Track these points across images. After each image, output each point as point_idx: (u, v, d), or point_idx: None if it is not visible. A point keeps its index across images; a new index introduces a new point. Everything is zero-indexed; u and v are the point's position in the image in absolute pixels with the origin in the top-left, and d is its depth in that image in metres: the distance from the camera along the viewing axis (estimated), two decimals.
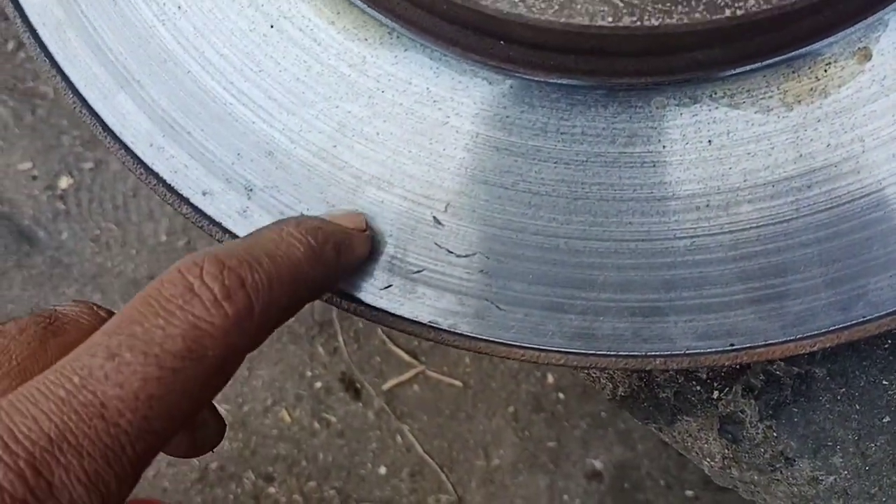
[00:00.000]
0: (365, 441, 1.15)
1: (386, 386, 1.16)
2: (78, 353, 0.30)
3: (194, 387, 0.31)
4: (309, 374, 1.18)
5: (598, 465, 1.11)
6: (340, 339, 1.17)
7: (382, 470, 1.15)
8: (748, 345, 0.40)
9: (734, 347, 0.40)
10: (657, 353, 0.40)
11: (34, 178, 1.18)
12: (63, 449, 0.27)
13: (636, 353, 0.41)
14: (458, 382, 1.14)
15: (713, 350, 0.40)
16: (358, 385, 1.16)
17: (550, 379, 1.13)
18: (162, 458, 1.13)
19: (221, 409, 1.17)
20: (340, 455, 1.16)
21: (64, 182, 1.17)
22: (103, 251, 1.17)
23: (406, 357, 1.15)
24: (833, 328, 0.40)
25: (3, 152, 1.19)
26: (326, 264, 0.37)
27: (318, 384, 1.18)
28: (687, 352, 0.40)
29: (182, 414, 0.30)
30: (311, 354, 1.18)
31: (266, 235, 0.36)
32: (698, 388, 0.49)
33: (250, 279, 0.32)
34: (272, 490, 1.15)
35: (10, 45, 1.19)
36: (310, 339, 1.18)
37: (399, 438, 1.15)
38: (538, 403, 1.13)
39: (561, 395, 1.13)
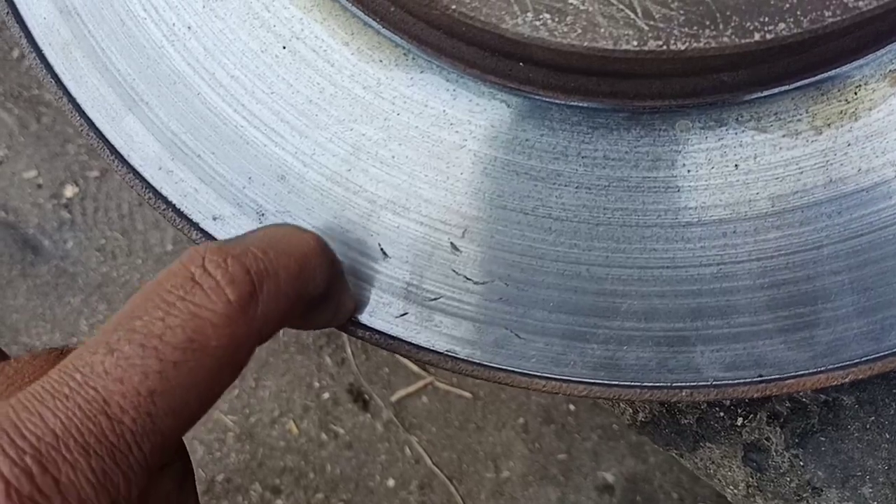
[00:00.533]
0: (373, 453, 1.14)
1: (394, 397, 1.14)
2: (80, 351, 0.29)
3: (200, 380, 0.29)
4: (317, 384, 1.17)
5: (609, 477, 1.09)
6: (349, 349, 1.16)
7: (391, 482, 1.13)
8: (777, 376, 0.39)
9: (763, 378, 0.39)
10: (683, 385, 0.39)
11: (39, 186, 1.17)
12: (70, 446, 0.27)
13: (661, 385, 0.39)
14: (467, 394, 1.12)
15: (741, 381, 0.39)
16: (366, 396, 1.15)
17: None
18: None
19: (227, 420, 1.16)
20: (348, 467, 1.14)
21: (69, 191, 1.16)
22: (109, 260, 1.16)
23: (415, 368, 1.13)
24: (865, 358, 0.38)
25: (9, 160, 1.18)
26: (335, 261, 0.36)
27: (326, 395, 1.17)
28: (714, 383, 0.39)
29: (189, 411, 0.29)
30: (319, 365, 1.17)
31: (272, 229, 0.35)
32: (722, 414, 0.47)
33: (255, 266, 0.31)
34: (279, 503, 1.14)
35: (16, 53, 1.18)
36: (317, 350, 1.16)
37: (408, 450, 1.14)
38: (548, 415, 1.11)
39: (571, 407, 1.11)
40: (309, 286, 0.34)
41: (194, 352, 0.29)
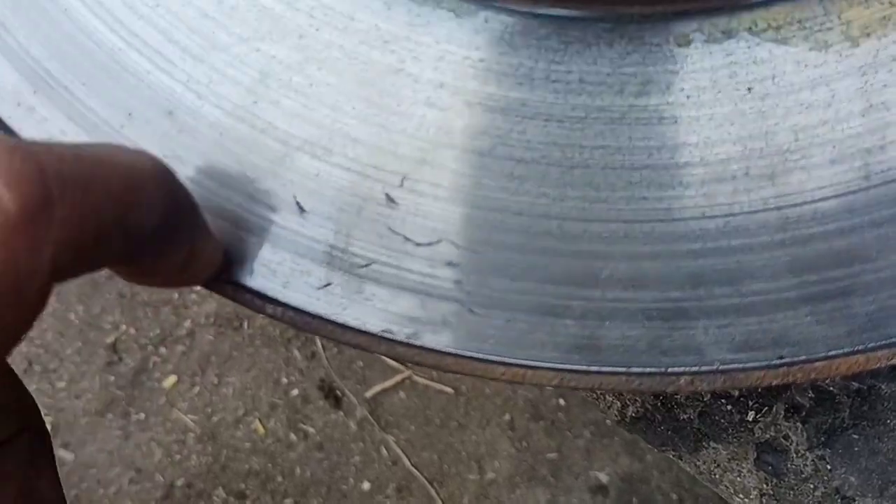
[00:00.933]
0: (346, 454, 1.07)
1: (369, 393, 1.08)
2: None
3: None
4: (284, 380, 1.10)
5: (603, 477, 1.03)
6: (319, 342, 1.10)
7: (366, 485, 1.07)
8: (803, 357, 0.31)
9: (784, 361, 0.31)
10: (681, 370, 0.31)
11: None
12: None
13: (653, 370, 0.32)
14: (448, 388, 1.06)
15: (756, 365, 0.31)
16: (338, 392, 1.09)
17: None
18: (123, 473, 1.05)
19: (187, 419, 1.09)
20: (319, 469, 1.07)
21: None
22: None
23: (391, 362, 1.07)
24: None
25: None
26: (183, 192, 0.28)
27: (295, 392, 1.10)
28: (721, 367, 0.31)
29: None
30: (287, 359, 1.11)
31: (95, 144, 0.26)
32: (729, 407, 0.40)
33: (56, 166, 0.22)
34: None
35: None
36: (285, 343, 1.10)
37: (384, 451, 1.07)
38: (537, 411, 1.05)
39: (562, 402, 1.05)
40: (135, 213, 0.25)
41: None
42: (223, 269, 0.32)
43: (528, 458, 1.04)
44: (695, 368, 0.31)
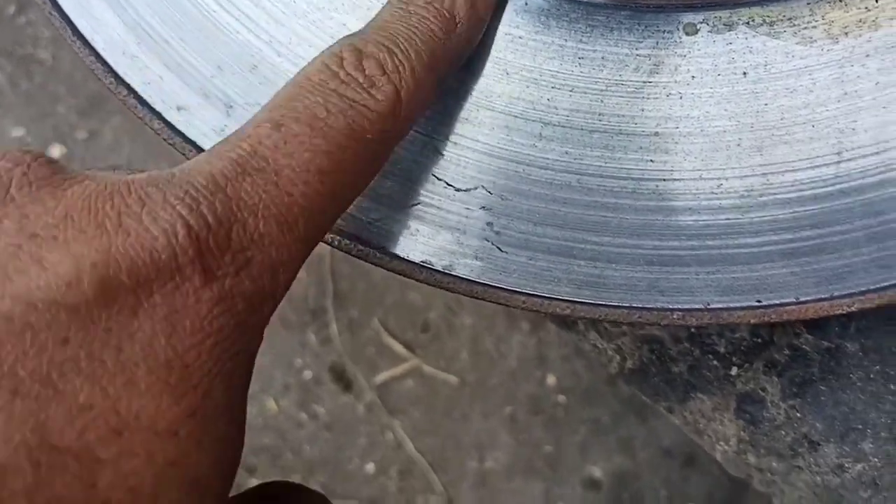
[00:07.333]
0: (353, 435, 1.11)
1: (379, 379, 1.11)
2: (241, 128, 0.29)
3: (357, 168, 0.30)
4: (299, 362, 1.14)
5: (596, 472, 1.06)
6: (333, 326, 1.13)
7: (370, 466, 1.10)
8: (777, 302, 0.36)
9: (761, 304, 0.36)
10: (675, 307, 0.36)
11: (26, 145, 1.14)
12: (242, 212, 0.26)
13: (651, 306, 0.36)
14: (454, 378, 1.09)
15: (738, 306, 0.36)
16: (349, 377, 1.11)
17: (551, 380, 1.09)
18: None
19: None
20: (327, 449, 1.11)
21: (56, 151, 1.13)
22: None
23: (401, 350, 1.10)
24: (874, 287, 0.35)
25: None
26: (462, 26, 0.35)
27: (308, 374, 1.14)
28: (709, 307, 0.36)
29: (345, 199, 0.31)
30: (302, 342, 1.14)
31: (393, 14, 0.34)
32: (715, 362, 0.44)
33: (390, 64, 0.31)
34: (254, 482, 1.11)
35: (11, 10, 1.16)
36: (301, 327, 1.13)
37: (390, 435, 1.11)
38: (537, 405, 1.08)
39: (561, 398, 1.08)
40: (442, 68, 0.34)
41: (354, 140, 0.29)
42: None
43: (526, 450, 1.07)
44: (686, 307, 0.36)
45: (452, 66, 0.35)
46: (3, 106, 1.14)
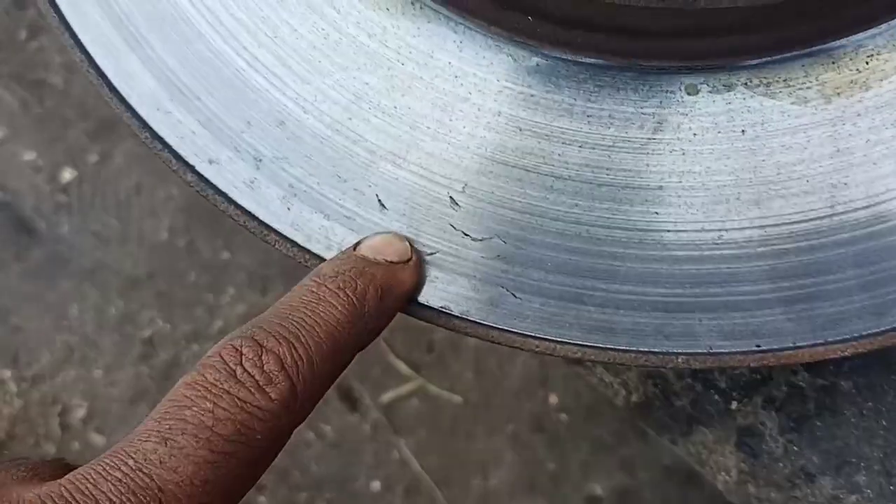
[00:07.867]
0: (360, 454, 1.12)
1: (385, 398, 1.13)
2: (130, 438, 0.30)
3: (245, 469, 0.31)
4: None
5: (598, 490, 1.08)
6: None
7: (376, 485, 1.12)
8: (775, 346, 0.38)
9: (760, 349, 0.38)
10: (679, 351, 0.38)
11: (38, 168, 1.16)
12: None
13: (657, 350, 0.39)
14: (458, 398, 1.11)
15: (738, 350, 0.38)
16: (356, 396, 1.13)
17: (553, 399, 1.11)
18: None
19: None
20: (334, 467, 1.13)
21: (67, 174, 1.15)
22: (102, 246, 1.15)
23: (407, 370, 1.12)
24: (866, 333, 0.37)
25: (9, 141, 1.17)
26: (369, 317, 0.36)
27: None
28: (711, 350, 0.38)
29: (235, 497, 0.31)
30: None
31: (302, 298, 0.35)
32: (716, 397, 0.47)
33: (289, 359, 0.32)
34: (262, 500, 1.12)
35: (23, 35, 1.18)
36: None
37: (395, 453, 1.12)
38: (539, 424, 1.10)
39: (563, 417, 1.10)
40: (344, 357, 0.35)
41: (242, 444, 0.30)
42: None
43: (529, 468, 1.09)
44: (690, 351, 0.39)
45: (353, 353, 0.36)
46: (15, 129, 1.16)
